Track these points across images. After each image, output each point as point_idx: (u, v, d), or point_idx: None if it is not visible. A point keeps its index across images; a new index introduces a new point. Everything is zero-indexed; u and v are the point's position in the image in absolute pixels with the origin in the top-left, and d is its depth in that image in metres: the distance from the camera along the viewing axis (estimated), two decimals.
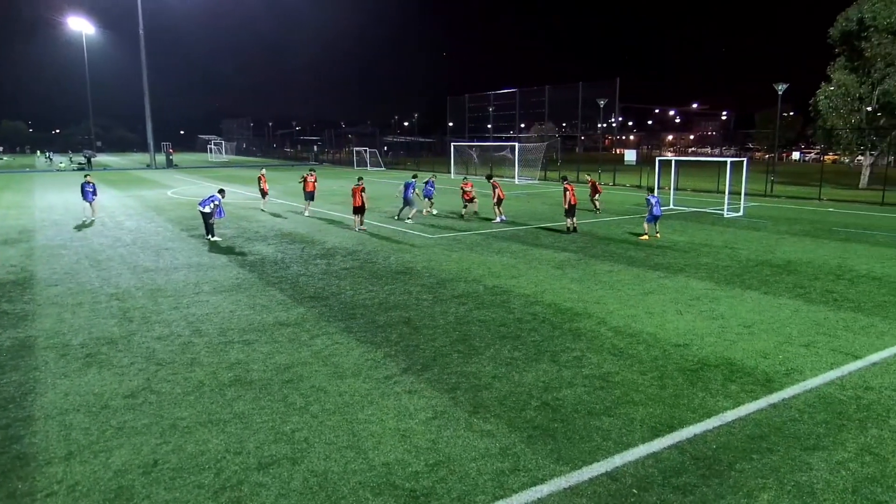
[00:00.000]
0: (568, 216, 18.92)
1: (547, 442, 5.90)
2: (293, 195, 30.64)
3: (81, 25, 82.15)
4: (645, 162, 43.01)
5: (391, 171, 60.72)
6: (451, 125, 67.49)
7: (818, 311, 10.33)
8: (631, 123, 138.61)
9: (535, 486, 5.18)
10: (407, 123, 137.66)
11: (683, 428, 6.16)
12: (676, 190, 29.83)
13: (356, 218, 19.48)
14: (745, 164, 24.98)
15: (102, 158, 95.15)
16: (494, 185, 21.90)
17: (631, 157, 48.30)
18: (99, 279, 12.88)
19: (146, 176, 52.31)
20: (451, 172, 49.38)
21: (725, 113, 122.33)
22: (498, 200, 21.57)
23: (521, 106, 54.60)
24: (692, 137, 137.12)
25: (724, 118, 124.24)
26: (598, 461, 5.55)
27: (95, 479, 5.33)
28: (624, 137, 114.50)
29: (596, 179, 26.13)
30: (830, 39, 37.81)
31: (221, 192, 18.09)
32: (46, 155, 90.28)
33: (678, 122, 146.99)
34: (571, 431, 6.11)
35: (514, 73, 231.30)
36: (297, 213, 24.36)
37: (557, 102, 51.64)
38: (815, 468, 5.43)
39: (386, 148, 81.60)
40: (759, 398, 6.86)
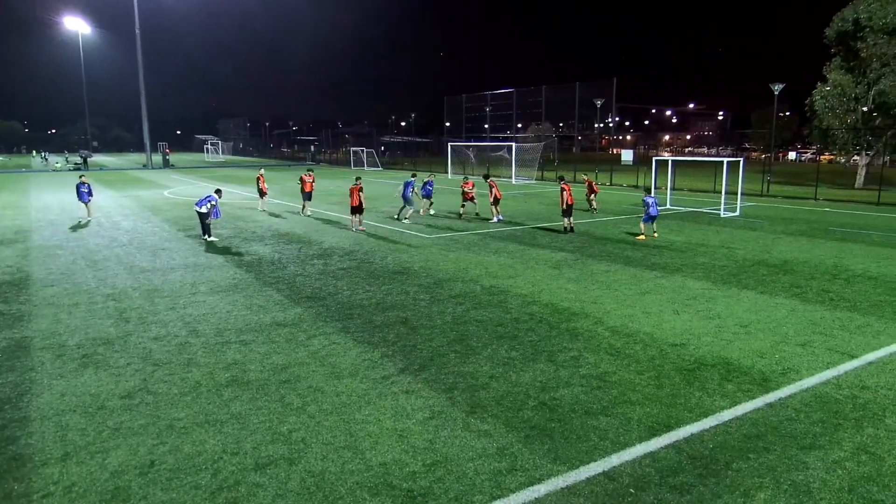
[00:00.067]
0: (565, 216, 18.95)
1: (544, 442, 5.91)
2: (290, 195, 30.61)
3: (77, 25, 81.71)
4: (642, 162, 43.09)
5: (388, 171, 60.68)
6: (448, 125, 67.50)
7: (814, 310, 10.36)
8: (628, 123, 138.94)
9: (532, 485, 5.18)
10: (404, 123, 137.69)
11: (680, 427, 6.17)
12: (673, 190, 29.90)
13: (353, 218, 19.47)
14: (741, 164, 25.05)
15: (99, 158, 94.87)
16: (491, 184, 21.93)
17: (628, 157, 48.37)
18: (95, 279, 12.85)
19: (142, 176, 52.19)
20: (448, 172, 49.39)
21: (722, 113, 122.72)
22: (495, 200, 21.59)
23: (518, 106, 54.68)
24: (689, 137, 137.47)
25: (720, 118, 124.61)
26: (595, 461, 5.56)
27: (92, 479, 5.32)
28: (621, 137, 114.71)
29: (592, 179, 26.16)
30: (826, 40, 37.93)
31: (218, 192, 18.06)
32: (42, 155, 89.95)
33: (675, 122, 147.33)
34: (568, 431, 6.12)
35: (511, 73, 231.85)
36: (294, 213, 24.34)
37: (554, 102, 51.76)
38: (811, 467, 5.44)
39: (383, 148, 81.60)
40: (755, 397, 6.87)
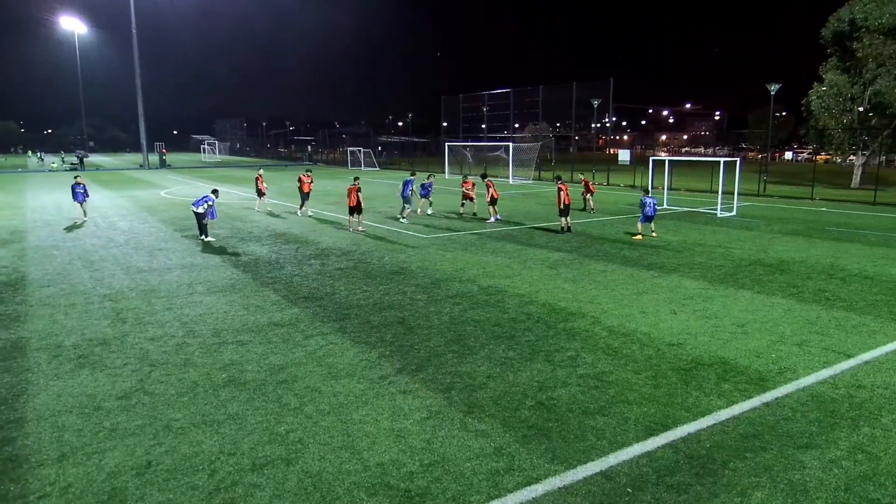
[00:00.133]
0: (562, 216, 18.96)
1: (541, 441, 5.91)
2: (287, 195, 30.57)
3: (73, 25, 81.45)
4: (639, 162, 43.16)
5: (385, 171, 60.66)
6: (445, 125, 67.56)
7: (811, 310, 10.39)
8: (625, 123, 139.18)
9: (529, 485, 5.19)
10: (401, 123, 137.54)
11: (677, 427, 6.18)
12: (670, 190, 29.95)
13: (351, 218, 19.46)
14: (738, 164, 25.12)
15: (95, 158, 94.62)
16: (488, 184, 21.96)
17: (625, 156, 48.51)
18: (92, 280, 12.82)
19: (139, 176, 52.06)
20: (445, 172, 49.40)
21: (718, 113, 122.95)
22: (492, 200, 21.60)
23: (515, 106, 54.76)
24: (686, 137, 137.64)
25: (717, 118, 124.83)
26: (592, 460, 5.57)
27: (89, 480, 5.30)
28: (618, 137, 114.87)
29: (589, 179, 26.20)
30: (822, 40, 38.02)
31: (215, 192, 18.04)
32: (38, 155, 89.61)
33: (672, 122, 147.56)
34: (566, 431, 6.12)
35: (509, 73, 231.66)
36: (291, 213, 24.32)
37: (551, 102, 51.87)
38: (807, 466, 5.46)
39: (380, 148, 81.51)
40: (752, 397, 6.89)
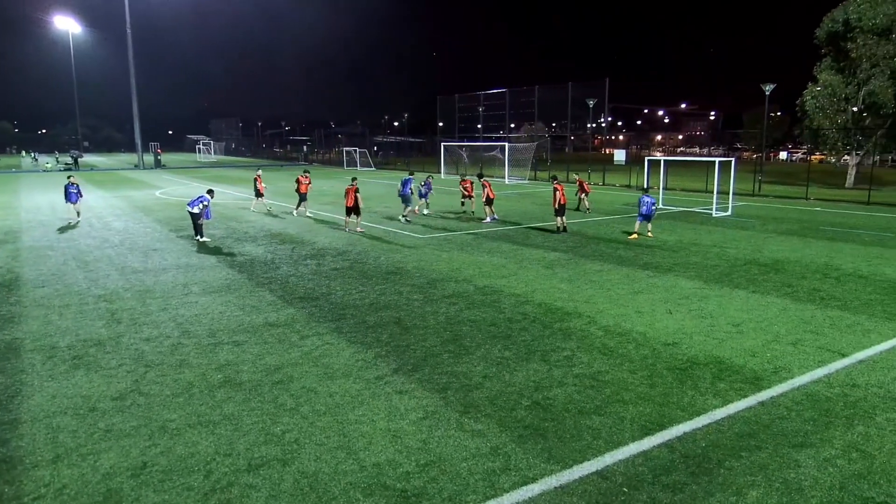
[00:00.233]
0: (558, 216, 18.98)
1: (538, 441, 5.92)
2: (284, 195, 30.50)
3: (68, 24, 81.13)
4: (634, 162, 43.24)
5: (381, 171, 60.62)
6: (441, 125, 67.57)
7: (805, 309, 10.43)
8: (620, 123, 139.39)
9: (525, 485, 5.19)
10: (397, 123, 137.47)
11: (673, 426, 6.20)
12: (665, 190, 30.02)
13: (348, 219, 19.43)
14: (733, 163, 25.16)
15: (90, 159, 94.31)
16: (485, 184, 21.99)
17: (621, 157, 48.60)
18: (86, 280, 12.77)
19: (134, 176, 51.89)
20: (441, 172, 49.39)
21: (714, 113, 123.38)
22: (488, 200, 21.62)
23: (510, 106, 54.78)
24: (681, 137, 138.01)
25: (712, 118, 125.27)
26: (588, 460, 5.58)
27: (83, 482, 5.28)
28: (613, 137, 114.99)
29: (584, 179, 26.24)
30: (817, 40, 38.17)
31: (210, 192, 17.99)
32: (32, 155, 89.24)
33: (667, 122, 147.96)
34: (562, 430, 6.13)
35: (505, 73, 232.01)
36: (287, 213, 24.28)
37: (547, 102, 51.88)
38: (802, 465, 5.48)
39: (376, 148, 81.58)
40: (747, 396, 6.91)
